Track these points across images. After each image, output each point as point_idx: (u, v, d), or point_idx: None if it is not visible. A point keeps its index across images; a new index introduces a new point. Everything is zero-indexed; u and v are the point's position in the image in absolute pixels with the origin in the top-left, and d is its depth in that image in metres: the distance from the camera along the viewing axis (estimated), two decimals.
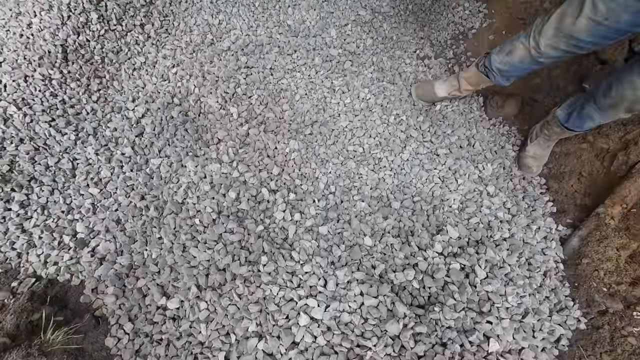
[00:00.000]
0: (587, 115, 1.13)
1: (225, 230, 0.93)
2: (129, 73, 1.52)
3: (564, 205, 1.44)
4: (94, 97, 1.42)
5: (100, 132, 1.33)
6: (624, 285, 1.12)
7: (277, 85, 1.46)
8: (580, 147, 1.57)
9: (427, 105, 1.67)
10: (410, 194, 1.10)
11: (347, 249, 0.94)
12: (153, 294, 0.91)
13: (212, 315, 0.85)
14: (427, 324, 0.79)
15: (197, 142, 1.22)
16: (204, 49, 1.60)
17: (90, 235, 1.13)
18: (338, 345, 0.77)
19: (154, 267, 0.96)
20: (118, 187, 1.19)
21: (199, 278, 0.87)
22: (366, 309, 0.80)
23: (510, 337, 0.83)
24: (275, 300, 0.84)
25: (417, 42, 1.89)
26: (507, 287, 0.89)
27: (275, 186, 1.10)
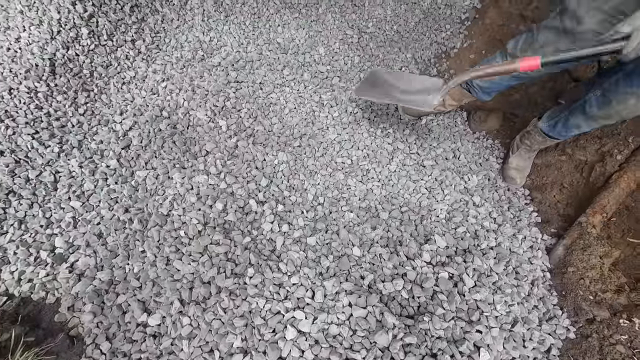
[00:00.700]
0: (573, 125, 1.18)
1: (211, 241, 0.91)
2: (117, 87, 1.52)
3: (547, 215, 1.47)
4: (81, 110, 1.40)
5: (85, 144, 1.31)
6: (609, 293, 1.13)
7: (267, 99, 1.49)
8: (560, 159, 1.64)
9: (413, 119, 1.73)
10: (398, 205, 1.10)
11: (336, 259, 0.93)
12: (133, 311, 0.87)
13: (195, 331, 0.81)
14: (417, 335, 0.77)
15: (184, 154, 1.21)
16: (195, 64, 1.62)
17: (69, 251, 1.09)
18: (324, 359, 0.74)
19: (135, 282, 0.92)
20: (101, 200, 1.16)
21: (182, 292, 0.84)
22: (355, 320, 0.78)
23: (501, 346, 0.82)
24: (261, 314, 0.82)
25: (402, 60, 1.97)
26: (495, 295, 0.89)
27: (264, 197, 1.10)
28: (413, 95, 1.17)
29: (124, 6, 1.67)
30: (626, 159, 1.45)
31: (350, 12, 1.98)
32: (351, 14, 1.98)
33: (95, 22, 1.56)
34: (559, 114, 1.26)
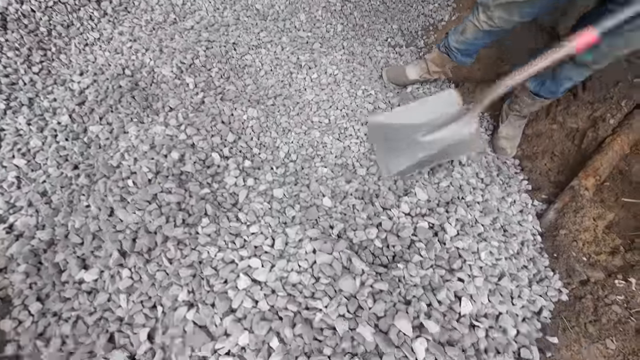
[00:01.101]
0: (564, 77, 1.10)
1: (162, 190, 0.80)
2: (79, 48, 1.41)
3: (538, 183, 1.40)
4: (35, 69, 1.29)
5: (37, 102, 1.20)
6: (604, 255, 1.05)
7: (241, 61, 1.39)
8: (551, 128, 1.57)
9: (398, 88, 1.65)
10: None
11: (303, 209, 0.83)
12: (71, 268, 0.76)
13: (136, 285, 0.70)
14: (389, 282, 0.68)
15: (145, 110, 1.11)
16: (166, 27, 1.52)
17: (9, 211, 0.97)
18: (283, 310, 0.64)
19: (76, 238, 0.81)
20: (49, 157, 1.04)
21: (123, 243, 0.73)
22: (318, 268, 0.68)
23: (486, 298, 0.73)
24: (212, 264, 0.71)
25: (388, 31, 1.89)
26: (479, 244, 0.80)
27: (229, 153, 0.99)
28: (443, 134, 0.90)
29: None
30: (619, 123, 1.38)
31: None
32: None
33: None
34: (545, 72, 1.19)
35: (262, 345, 0.61)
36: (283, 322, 0.62)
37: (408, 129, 0.95)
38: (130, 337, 0.66)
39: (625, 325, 0.86)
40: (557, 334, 0.87)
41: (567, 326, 0.88)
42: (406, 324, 0.61)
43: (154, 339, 0.66)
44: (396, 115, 1.01)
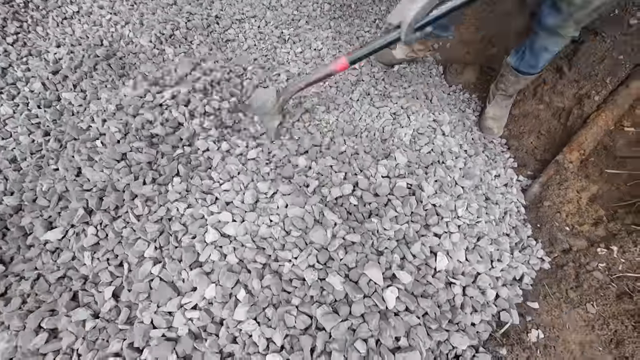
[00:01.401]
0: (540, 47, 1.09)
1: (131, 149, 0.77)
2: (57, 21, 1.37)
3: (524, 160, 1.39)
4: (10, 40, 1.25)
5: (10, 72, 1.15)
6: (587, 226, 1.05)
7: (224, 35, 1.36)
8: (538, 108, 1.56)
9: (385, 67, 1.63)
10: (359, 130, 0.99)
11: (278, 167, 0.81)
12: (36, 230, 0.72)
13: (102, 242, 0.67)
14: (362, 235, 0.66)
15: (120, 78, 1.07)
16: (147, 2, 1.48)
17: None
18: (252, 262, 0.61)
19: (43, 201, 0.78)
20: (19, 125, 1.00)
21: (89, 200, 0.70)
22: (289, 221, 0.66)
23: (463, 256, 0.71)
24: (181, 220, 0.69)
25: (376, 13, 1.87)
26: (457, 202, 0.78)
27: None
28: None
29: None
30: (604, 100, 1.37)
31: None
32: None
33: None
34: (523, 43, 1.18)
35: (228, 298, 0.59)
36: (251, 274, 0.60)
37: None
38: (94, 296, 0.63)
39: (606, 290, 0.86)
40: (538, 300, 0.86)
41: (548, 292, 0.87)
42: (377, 272, 0.59)
43: (119, 297, 0.63)
44: None
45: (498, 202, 0.95)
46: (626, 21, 1.35)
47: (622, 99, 1.34)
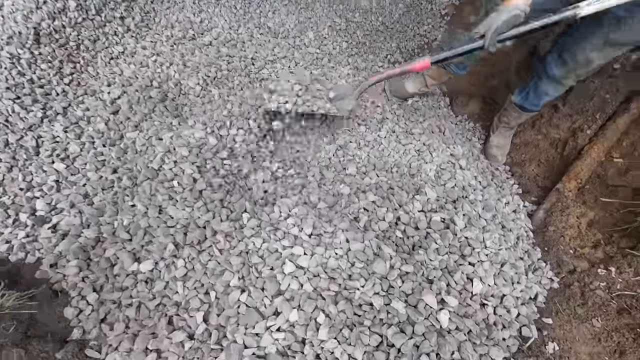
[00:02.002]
0: (542, 91, 1.27)
1: (206, 187, 0.89)
2: (105, 61, 1.50)
3: (527, 187, 1.55)
4: (66, 80, 1.37)
5: (70, 111, 1.28)
6: (587, 248, 1.20)
7: (259, 74, 1.51)
8: (537, 138, 1.74)
9: (400, 101, 1.79)
10: (389, 165, 1.14)
11: (329, 198, 0.94)
12: (123, 261, 0.84)
13: (190, 273, 0.78)
14: (414, 265, 0.79)
15: (176, 118, 1.20)
16: (185, 42, 1.63)
17: (51, 213, 1.04)
18: (326, 290, 0.74)
19: (125, 234, 0.89)
20: (88, 162, 1.12)
21: (176, 236, 0.82)
22: (353, 254, 0.79)
23: (492, 280, 0.85)
24: (258, 253, 0.81)
25: (387, 49, 2.06)
26: (484, 234, 0.92)
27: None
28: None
29: None
30: (595, 133, 1.56)
31: (338, 2, 2.06)
32: (338, 4, 2.06)
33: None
34: (528, 84, 1.36)
35: (309, 320, 0.71)
36: (326, 300, 0.72)
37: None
38: (187, 320, 0.74)
39: (607, 307, 1.00)
40: (551, 316, 1.00)
41: (559, 309, 1.01)
42: (431, 298, 0.72)
43: (209, 320, 0.75)
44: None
45: (512, 229, 1.10)
46: (611, 67, 1.56)
47: (611, 132, 1.52)
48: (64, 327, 0.76)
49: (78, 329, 0.74)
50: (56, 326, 0.75)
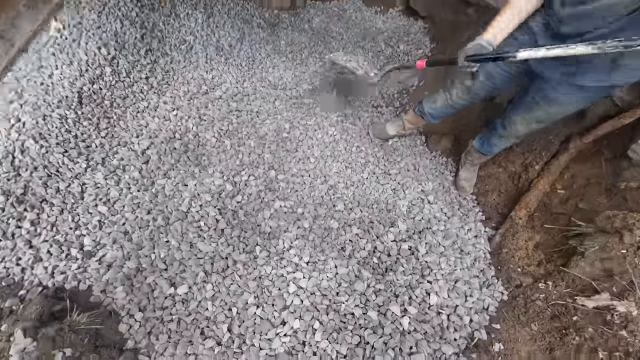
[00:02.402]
0: (493, 143, 1.60)
1: (226, 226, 1.15)
2: (133, 115, 1.79)
3: (489, 214, 1.84)
4: (103, 134, 1.65)
5: (108, 161, 1.55)
6: (533, 267, 1.48)
7: (263, 124, 1.82)
8: (498, 171, 2.06)
9: (382, 141, 2.11)
10: (370, 202, 1.42)
11: (321, 231, 1.21)
12: (162, 286, 1.08)
13: (217, 295, 1.03)
14: (384, 283, 1.04)
15: (197, 167, 1.48)
16: (199, 97, 1.94)
17: (97, 248, 1.28)
18: (320, 304, 0.98)
19: (162, 264, 1.14)
20: (125, 205, 1.38)
21: (205, 265, 1.06)
22: (340, 277, 1.04)
23: (446, 294, 1.10)
24: (269, 278, 1.05)
25: (372, 95, 2.41)
26: (440, 258, 1.19)
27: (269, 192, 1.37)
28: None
29: (140, 50, 2.00)
30: (542, 168, 1.88)
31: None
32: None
33: (116, 63, 1.87)
34: (484, 135, 1.69)
35: (308, 327, 0.95)
36: (320, 312, 0.97)
37: None
38: (215, 331, 0.98)
39: (543, 314, 1.26)
40: (499, 322, 1.25)
41: (506, 317, 1.27)
42: (397, 308, 0.97)
43: (232, 330, 0.98)
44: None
45: (470, 252, 1.37)
46: None
47: (554, 167, 1.84)
48: (120, 339, 0.99)
49: (131, 340, 0.97)
50: (114, 338, 0.98)
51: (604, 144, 1.79)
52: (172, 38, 2.13)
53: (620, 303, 1.15)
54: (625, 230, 1.27)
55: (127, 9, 2.08)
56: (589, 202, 1.61)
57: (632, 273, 1.18)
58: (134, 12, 2.08)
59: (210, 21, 2.32)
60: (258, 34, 2.43)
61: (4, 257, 1.25)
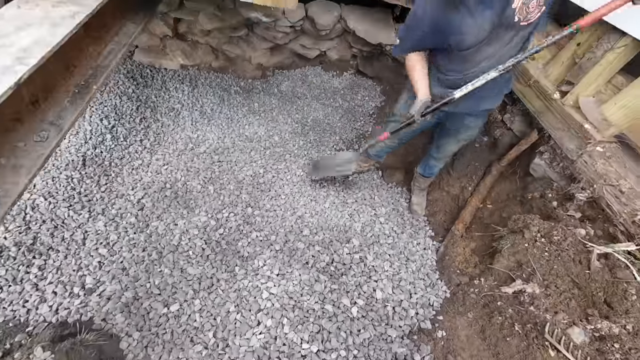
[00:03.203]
0: (432, 166, 2.01)
1: (211, 253, 1.41)
2: (129, 171, 2.11)
3: (437, 231, 2.18)
4: (103, 189, 1.94)
5: (107, 211, 1.81)
6: (470, 268, 1.78)
7: (241, 172, 2.17)
8: (442, 195, 2.45)
9: (344, 178, 2.50)
10: (331, 226, 1.73)
11: (290, 251, 1.47)
12: (157, 308, 1.29)
13: (204, 308, 1.24)
14: (338, 284, 1.30)
15: (185, 209, 1.78)
16: (187, 152, 2.30)
17: (97, 285, 1.49)
18: (287, 305, 1.22)
19: (156, 290, 1.36)
20: (123, 246, 1.62)
21: (193, 285, 1.29)
22: (303, 282, 1.29)
23: (391, 291, 1.36)
24: (247, 289, 1.29)
25: (333, 141, 2.86)
26: (385, 263, 1.47)
27: (247, 225, 1.66)
28: (340, 167, 1.95)
29: (136, 118, 2.39)
30: (474, 189, 2.29)
31: (295, 114, 2.92)
32: (295, 115, 2.92)
33: (115, 130, 2.23)
34: (424, 161, 2.11)
35: (278, 324, 1.18)
36: (287, 310, 1.21)
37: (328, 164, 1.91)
38: (202, 338, 1.18)
39: (477, 304, 1.54)
40: (442, 315, 1.51)
41: (448, 310, 1.54)
42: (347, 301, 1.23)
43: (217, 335, 1.19)
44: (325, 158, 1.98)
45: (415, 260, 1.67)
46: (474, 146, 2.38)
47: (483, 187, 2.26)
48: (121, 354, 1.17)
49: (130, 354, 1.16)
50: (116, 354, 1.16)
51: (516, 165, 2.25)
52: (162, 107, 2.56)
53: (529, 285, 1.46)
54: (525, 228, 1.63)
55: (125, 87, 2.53)
56: (508, 211, 1.99)
57: (532, 261, 1.51)
58: (131, 89, 2.52)
59: (195, 92, 2.80)
60: (235, 99, 2.91)
61: (12, 300, 1.43)
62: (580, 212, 1.67)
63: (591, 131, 1.62)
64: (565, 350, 1.25)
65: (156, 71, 2.90)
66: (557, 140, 1.80)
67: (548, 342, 1.27)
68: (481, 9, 1.06)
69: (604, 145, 1.61)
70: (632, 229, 1.40)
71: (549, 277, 1.43)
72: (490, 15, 1.07)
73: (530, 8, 1.06)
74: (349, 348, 1.13)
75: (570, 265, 1.44)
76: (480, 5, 1.06)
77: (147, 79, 2.78)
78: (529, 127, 2.15)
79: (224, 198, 1.85)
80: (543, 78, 1.93)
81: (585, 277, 1.40)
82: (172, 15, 2.67)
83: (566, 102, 1.77)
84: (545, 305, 1.37)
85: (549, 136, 1.89)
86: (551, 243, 1.52)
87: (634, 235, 1.40)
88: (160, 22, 2.70)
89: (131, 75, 2.73)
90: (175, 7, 2.60)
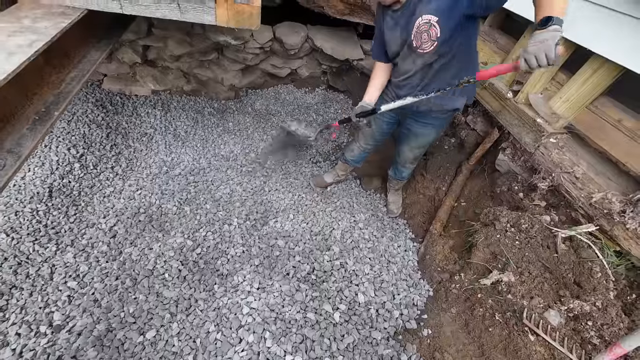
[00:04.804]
0: (399, 170, 2.07)
1: (187, 274, 1.37)
2: (100, 200, 2.04)
3: (417, 232, 2.23)
4: (72, 219, 1.86)
5: (76, 242, 1.73)
6: (450, 265, 1.82)
7: (218, 191, 2.15)
8: (419, 197, 2.52)
9: (322, 189, 2.52)
10: (313, 234, 1.73)
11: (270, 265, 1.46)
12: (132, 338, 1.23)
13: (182, 331, 1.19)
14: (319, 291, 1.29)
15: (160, 232, 1.73)
16: (161, 176, 2.26)
17: (66, 321, 1.40)
18: (268, 317, 1.19)
19: (131, 319, 1.29)
20: (95, 276, 1.55)
21: (170, 308, 1.24)
22: (284, 293, 1.27)
23: (373, 294, 1.37)
24: (227, 306, 1.25)
25: (310, 154, 2.91)
26: (365, 266, 1.48)
27: (224, 243, 1.63)
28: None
29: (106, 146, 2.34)
30: (447, 189, 2.38)
31: (270, 130, 2.95)
32: (271, 131, 2.95)
33: (84, 159, 2.17)
34: (392, 165, 2.18)
35: (260, 338, 1.14)
36: (269, 323, 1.18)
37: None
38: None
39: (459, 299, 1.56)
40: (427, 313, 1.52)
41: (432, 308, 1.55)
42: (329, 307, 1.22)
43: (197, 359, 1.14)
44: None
45: (396, 262, 1.69)
46: (443, 148, 2.49)
47: (456, 187, 2.34)
48: None
49: None
50: None
51: (484, 163, 2.36)
52: (134, 133, 2.53)
53: (505, 275, 1.51)
54: (496, 220, 1.70)
55: (94, 115, 2.49)
56: (481, 206, 2.07)
57: (504, 251, 1.57)
58: (100, 116, 2.48)
59: (168, 115, 2.79)
60: (210, 120, 2.92)
61: None
62: (545, 201, 1.77)
63: (543, 125, 1.75)
64: (544, 334, 1.28)
65: (127, 98, 2.88)
66: (516, 136, 1.92)
67: (527, 328, 1.31)
68: (394, 25, 1.33)
69: (557, 136, 1.74)
70: (590, 211, 1.50)
71: (521, 264, 1.49)
72: (400, 33, 1.33)
73: (423, 39, 1.25)
74: (334, 354, 1.11)
75: (540, 250, 1.51)
76: (396, 24, 1.33)
77: (117, 106, 2.75)
78: (490, 126, 2.29)
79: (201, 217, 1.82)
80: (496, 80, 2.08)
81: (555, 260, 1.47)
82: (141, 43, 2.70)
83: (518, 100, 1.91)
84: (522, 292, 1.42)
85: (509, 133, 2.01)
86: (520, 231, 1.59)
87: (592, 216, 1.49)
88: (129, 50, 2.71)
89: (100, 104, 2.69)
90: (143, 34, 2.63)
